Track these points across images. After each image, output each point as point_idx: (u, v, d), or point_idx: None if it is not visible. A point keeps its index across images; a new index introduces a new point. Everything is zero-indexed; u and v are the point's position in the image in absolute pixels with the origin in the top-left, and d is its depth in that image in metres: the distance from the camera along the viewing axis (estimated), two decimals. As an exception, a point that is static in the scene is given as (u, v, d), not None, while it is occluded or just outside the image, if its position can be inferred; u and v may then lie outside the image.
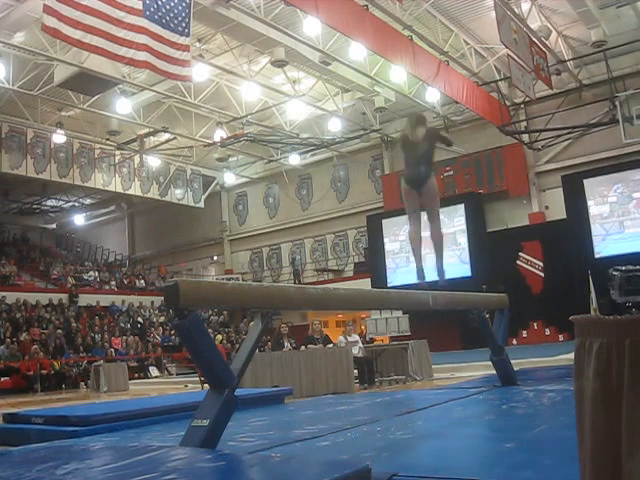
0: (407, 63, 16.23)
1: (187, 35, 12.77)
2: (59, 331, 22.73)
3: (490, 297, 8.88)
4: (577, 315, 1.75)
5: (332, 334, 15.39)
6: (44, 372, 19.99)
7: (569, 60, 20.62)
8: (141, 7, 11.96)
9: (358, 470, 3.39)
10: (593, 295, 18.21)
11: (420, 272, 7.19)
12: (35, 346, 20.52)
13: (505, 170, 23.88)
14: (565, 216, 21.89)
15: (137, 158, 25.95)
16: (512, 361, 8.54)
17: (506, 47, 15.41)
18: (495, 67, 20.75)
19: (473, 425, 5.54)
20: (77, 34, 11.20)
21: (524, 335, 21.35)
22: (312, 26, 15.99)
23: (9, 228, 32.23)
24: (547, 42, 18.50)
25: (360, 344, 12.86)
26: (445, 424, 5.60)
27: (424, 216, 7.45)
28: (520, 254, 22.72)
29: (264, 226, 31.04)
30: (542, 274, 22.22)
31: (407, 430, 5.32)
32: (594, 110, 21.05)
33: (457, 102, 20.02)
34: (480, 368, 11.57)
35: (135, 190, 27.41)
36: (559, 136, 21.64)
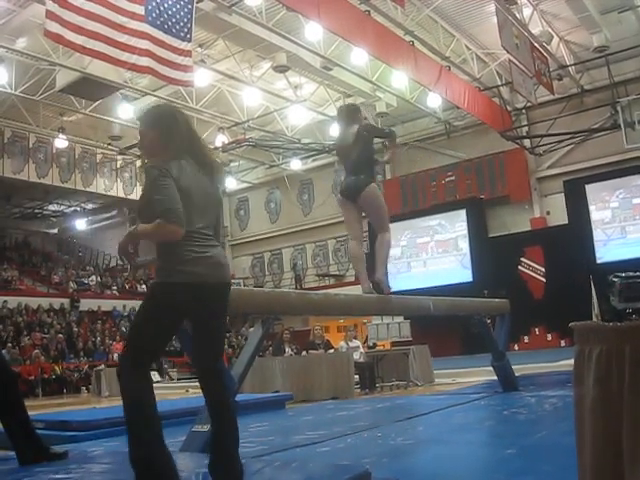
0: (408, 68, 16.23)
1: (189, 40, 12.76)
2: (60, 336, 22.73)
3: (491, 302, 8.89)
4: (578, 321, 1.75)
5: (333, 339, 15.39)
6: (45, 377, 19.99)
7: (571, 65, 20.61)
8: (143, 12, 11.95)
9: (358, 475, 3.39)
10: (595, 300, 18.19)
11: (365, 289, 6.33)
12: (36, 350, 20.52)
13: (507, 175, 23.86)
14: (567, 221, 21.87)
15: (139, 163, 25.96)
16: (513, 367, 8.54)
17: (507, 52, 15.40)
18: (497, 72, 20.75)
19: (474, 431, 5.54)
20: (79, 39, 11.19)
21: (525, 340, 21.31)
22: (314, 31, 15.98)
23: (11, 233, 32.22)
24: (549, 47, 18.52)
25: (361, 349, 12.85)
26: (446, 430, 5.60)
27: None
28: (522, 259, 22.70)
29: (265, 231, 31.01)
30: (544, 279, 22.19)
31: (408, 436, 5.31)
32: (596, 115, 21.03)
33: (458, 107, 20.02)
34: (481, 373, 11.54)
35: (137, 195, 27.37)
36: (561, 141, 21.61)
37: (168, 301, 3.02)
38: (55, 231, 34.57)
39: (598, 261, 20.79)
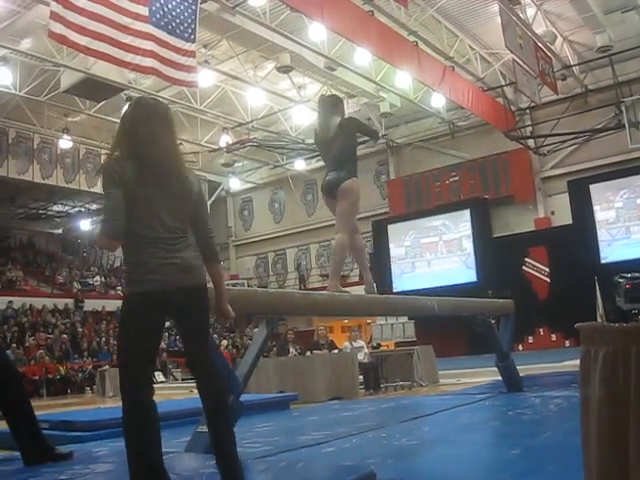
0: (412, 68, 16.23)
1: (193, 41, 12.77)
2: (65, 336, 22.77)
3: (495, 303, 8.88)
4: (583, 322, 1.75)
5: (337, 340, 15.39)
6: (50, 377, 20.02)
7: (575, 65, 20.60)
8: (147, 13, 11.96)
9: (363, 476, 3.39)
10: (599, 301, 18.15)
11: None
12: (41, 351, 20.55)
13: (511, 175, 23.84)
14: (571, 221, 21.80)
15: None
16: (518, 367, 8.53)
17: (511, 52, 15.39)
18: (500, 72, 20.72)
19: (479, 431, 5.53)
20: (83, 40, 11.20)
21: (530, 341, 21.27)
22: (317, 32, 16.00)
23: (15, 233, 32.27)
24: (552, 47, 18.48)
25: (365, 349, 12.85)
26: (451, 430, 5.59)
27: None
28: (526, 259, 22.66)
29: (270, 231, 31.02)
30: (548, 279, 22.15)
31: (413, 436, 5.31)
32: (600, 115, 21.00)
33: (462, 107, 20.01)
34: (486, 374, 11.53)
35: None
36: (565, 141, 21.59)
37: (137, 312, 2.98)
38: (59, 231, 34.62)
39: (602, 261, 20.75)
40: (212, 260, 3.26)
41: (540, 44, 17.01)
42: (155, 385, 3.08)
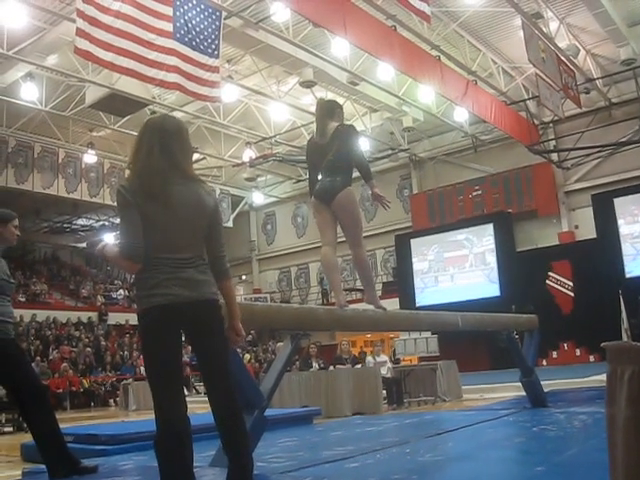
0: (435, 83, 16.24)
1: (216, 57, 12.89)
2: (88, 349, 22.92)
3: (519, 318, 8.81)
4: (607, 337, 1.75)
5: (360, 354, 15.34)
6: (73, 390, 20.14)
7: (598, 78, 20.52)
8: (171, 29, 12.11)
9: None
10: (624, 315, 17.97)
11: (339, 302, 5.38)
12: (65, 364, 20.68)
13: (534, 189, 23.74)
14: (595, 235, 21.63)
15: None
16: (542, 382, 8.46)
17: (534, 66, 15.36)
18: (523, 86, 20.71)
19: (503, 448, 5.49)
20: (109, 56, 11.36)
21: (554, 356, 21.08)
22: (340, 47, 16.11)
23: (40, 247, 32.59)
24: (575, 61, 18.44)
25: (389, 364, 12.81)
26: (475, 446, 5.56)
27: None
28: (550, 274, 22.48)
29: (292, 245, 31.06)
30: (572, 294, 21.96)
31: (437, 452, 5.29)
32: (624, 128, 20.89)
33: (485, 121, 19.96)
34: (510, 389, 11.46)
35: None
36: (589, 155, 21.48)
37: (149, 329, 2.95)
38: (84, 245, 34.90)
39: (627, 275, 20.53)
40: (222, 276, 3.23)
41: (563, 57, 16.98)
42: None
